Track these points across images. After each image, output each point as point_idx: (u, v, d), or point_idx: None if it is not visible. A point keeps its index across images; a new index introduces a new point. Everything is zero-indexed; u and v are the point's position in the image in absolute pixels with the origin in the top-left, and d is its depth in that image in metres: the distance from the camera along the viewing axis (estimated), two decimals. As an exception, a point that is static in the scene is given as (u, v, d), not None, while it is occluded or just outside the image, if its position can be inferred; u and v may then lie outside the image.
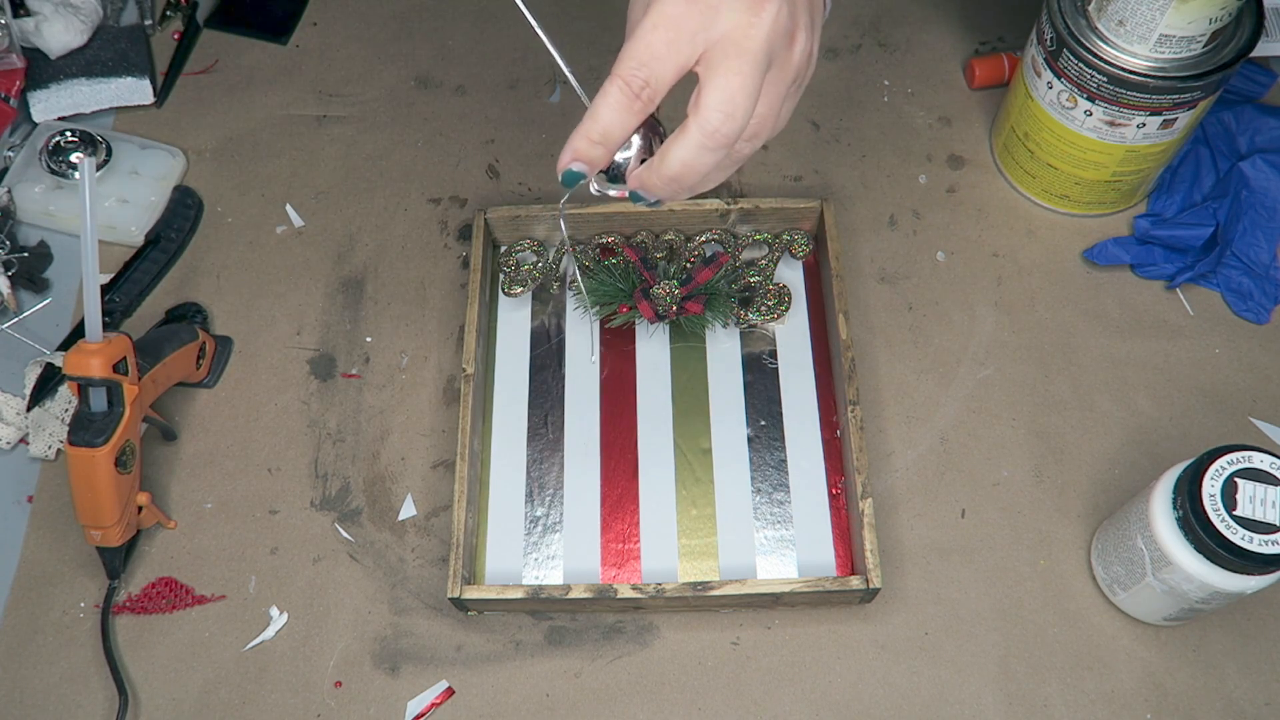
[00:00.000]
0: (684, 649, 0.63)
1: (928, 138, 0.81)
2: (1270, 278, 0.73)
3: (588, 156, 0.45)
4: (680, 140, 0.45)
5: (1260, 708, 0.61)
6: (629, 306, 0.71)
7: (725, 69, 0.43)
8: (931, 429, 0.69)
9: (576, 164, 0.46)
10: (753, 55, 0.44)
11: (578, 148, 0.45)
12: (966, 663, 0.62)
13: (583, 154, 0.45)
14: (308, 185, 0.80)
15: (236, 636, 0.64)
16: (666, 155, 0.46)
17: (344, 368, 0.72)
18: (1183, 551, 0.55)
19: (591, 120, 0.45)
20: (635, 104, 0.44)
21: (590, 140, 0.45)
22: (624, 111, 0.44)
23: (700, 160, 0.45)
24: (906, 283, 0.75)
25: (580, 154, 0.45)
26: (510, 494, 0.67)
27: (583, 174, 0.46)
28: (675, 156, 0.45)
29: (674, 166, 0.45)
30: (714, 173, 0.48)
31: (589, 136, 0.45)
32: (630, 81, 0.44)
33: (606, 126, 0.45)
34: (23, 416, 0.70)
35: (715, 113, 0.44)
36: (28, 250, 0.76)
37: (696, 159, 0.45)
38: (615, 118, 0.45)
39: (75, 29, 0.82)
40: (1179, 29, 0.62)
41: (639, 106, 0.45)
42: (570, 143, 0.45)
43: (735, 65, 0.43)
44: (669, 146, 0.45)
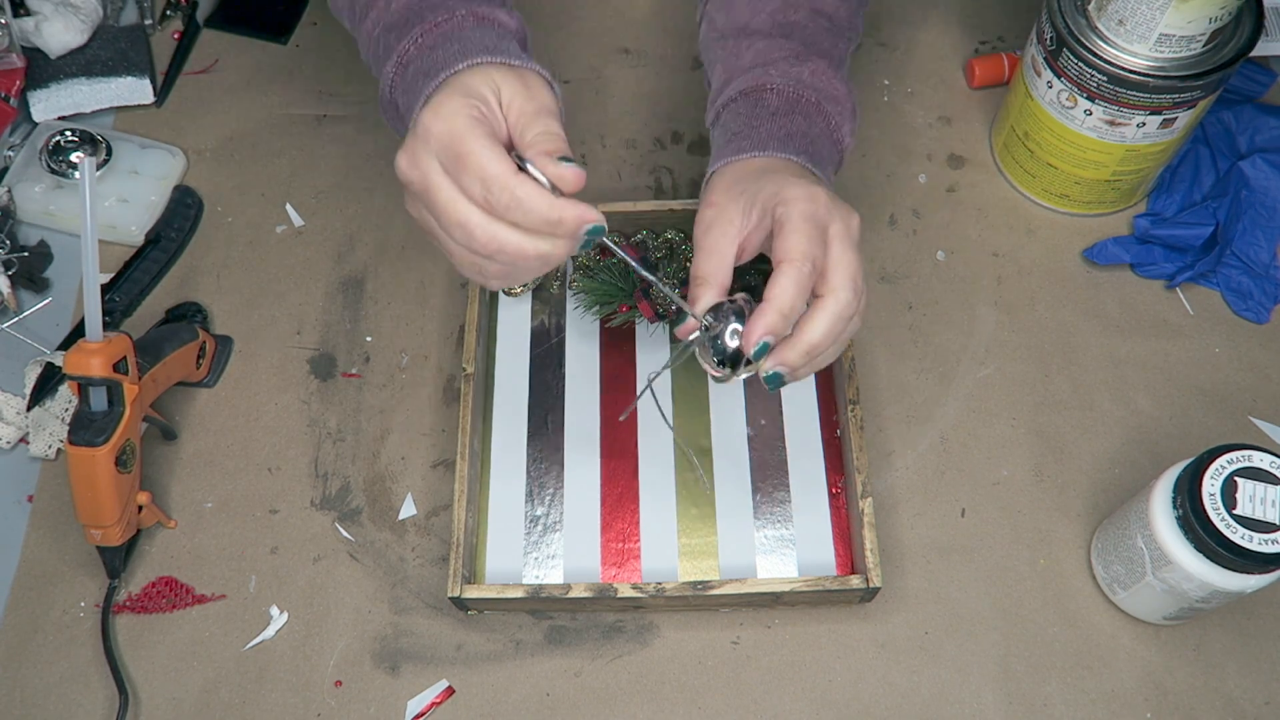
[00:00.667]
0: (684, 648, 0.63)
1: (928, 137, 0.81)
2: (1270, 277, 0.73)
3: (776, 329, 0.52)
4: (818, 315, 0.53)
5: (1260, 707, 0.61)
6: (629, 306, 0.71)
7: (843, 258, 0.53)
8: (931, 428, 0.69)
9: (768, 336, 0.52)
10: (855, 243, 0.54)
11: (770, 323, 0.52)
12: (966, 662, 0.62)
13: (775, 327, 0.52)
14: (308, 185, 0.80)
15: (236, 636, 0.64)
16: (806, 329, 0.53)
17: (344, 367, 0.72)
18: (1182, 550, 0.55)
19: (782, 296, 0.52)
20: (808, 282, 0.52)
21: (781, 314, 0.52)
22: (804, 289, 0.52)
23: (835, 329, 0.53)
24: (906, 282, 0.75)
25: (772, 327, 0.52)
26: (510, 493, 0.67)
27: (771, 345, 0.53)
28: (815, 328, 0.53)
29: (815, 335, 0.52)
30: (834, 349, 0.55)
31: (781, 310, 0.52)
32: (804, 263, 0.52)
33: (793, 303, 0.52)
34: (23, 416, 0.70)
35: (846, 290, 0.53)
36: (28, 250, 0.76)
37: (833, 328, 0.53)
38: (798, 294, 0.52)
39: (75, 29, 0.82)
40: (1179, 28, 0.62)
41: (809, 284, 0.52)
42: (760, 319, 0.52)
43: (850, 254, 0.53)
44: (806, 324, 0.53)
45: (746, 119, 0.60)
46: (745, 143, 0.59)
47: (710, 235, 0.55)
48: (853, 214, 0.55)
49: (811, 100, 0.61)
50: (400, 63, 0.56)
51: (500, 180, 0.47)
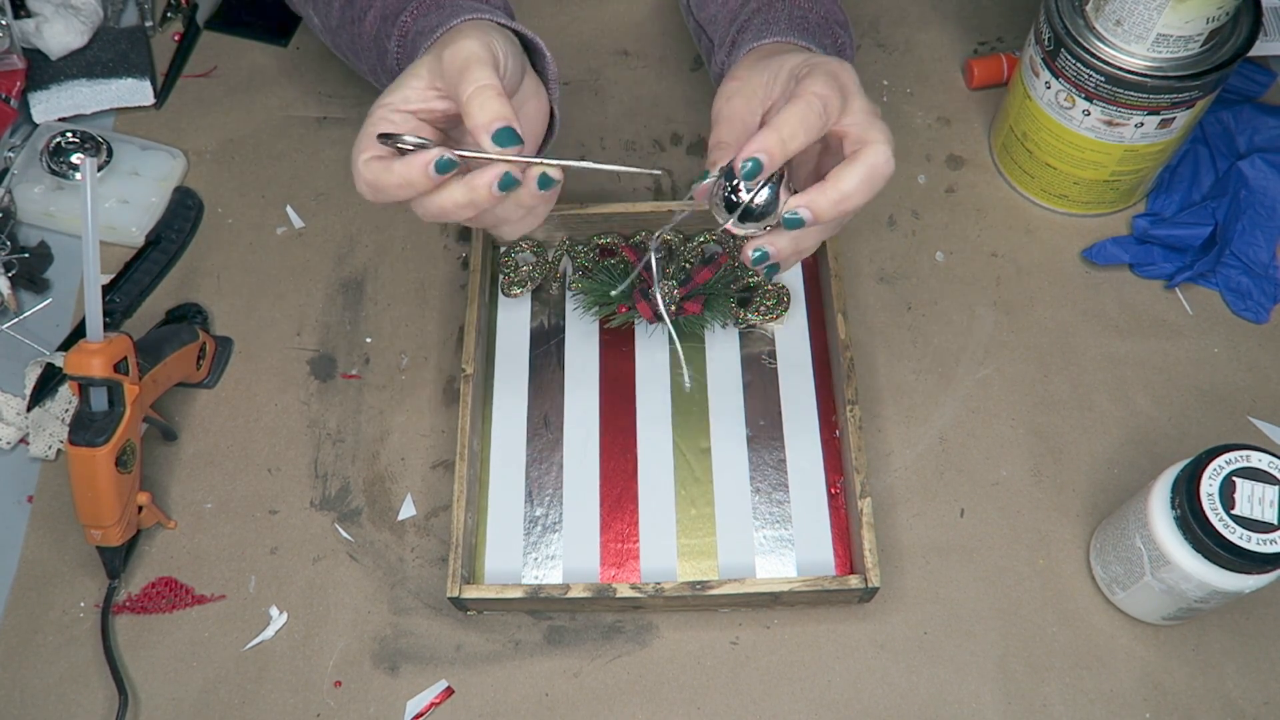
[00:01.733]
0: (683, 648, 0.63)
1: (926, 138, 0.81)
2: (1269, 277, 0.73)
3: (771, 150, 0.49)
4: (854, 164, 0.50)
5: (1259, 707, 0.61)
6: (628, 307, 0.71)
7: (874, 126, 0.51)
8: (930, 429, 0.69)
9: (761, 153, 0.49)
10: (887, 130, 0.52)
11: (766, 141, 0.49)
12: (965, 662, 0.62)
13: (769, 146, 0.49)
14: (308, 186, 0.80)
15: (236, 636, 0.64)
16: (839, 178, 0.50)
17: (344, 368, 0.73)
18: (1181, 551, 0.55)
19: (783, 122, 0.49)
20: (819, 120, 0.50)
21: (780, 136, 0.49)
22: (811, 122, 0.50)
23: (869, 182, 0.51)
24: (905, 283, 0.75)
25: (767, 146, 0.49)
26: (510, 494, 0.67)
27: (762, 165, 0.49)
28: (851, 175, 0.50)
29: (849, 183, 0.50)
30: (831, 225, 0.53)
31: (779, 132, 0.49)
32: (817, 100, 0.50)
33: (794, 129, 0.49)
34: (23, 416, 0.70)
35: (884, 145, 0.51)
36: (28, 251, 0.76)
37: (868, 179, 0.50)
38: (802, 125, 0.49)
39: (76, 30, 0.82)
40: (1176, 28, 0.62)
41: (819, 124, 0.50)
42: (757, 137, 0.49)
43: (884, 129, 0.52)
44: (839, 174, 0.50)
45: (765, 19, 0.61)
46: (768, 31, 0.59)
47: (731, 104, 0.54)
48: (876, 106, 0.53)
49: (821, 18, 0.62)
50: (401, 35, 0.60)
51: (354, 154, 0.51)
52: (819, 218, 0.51)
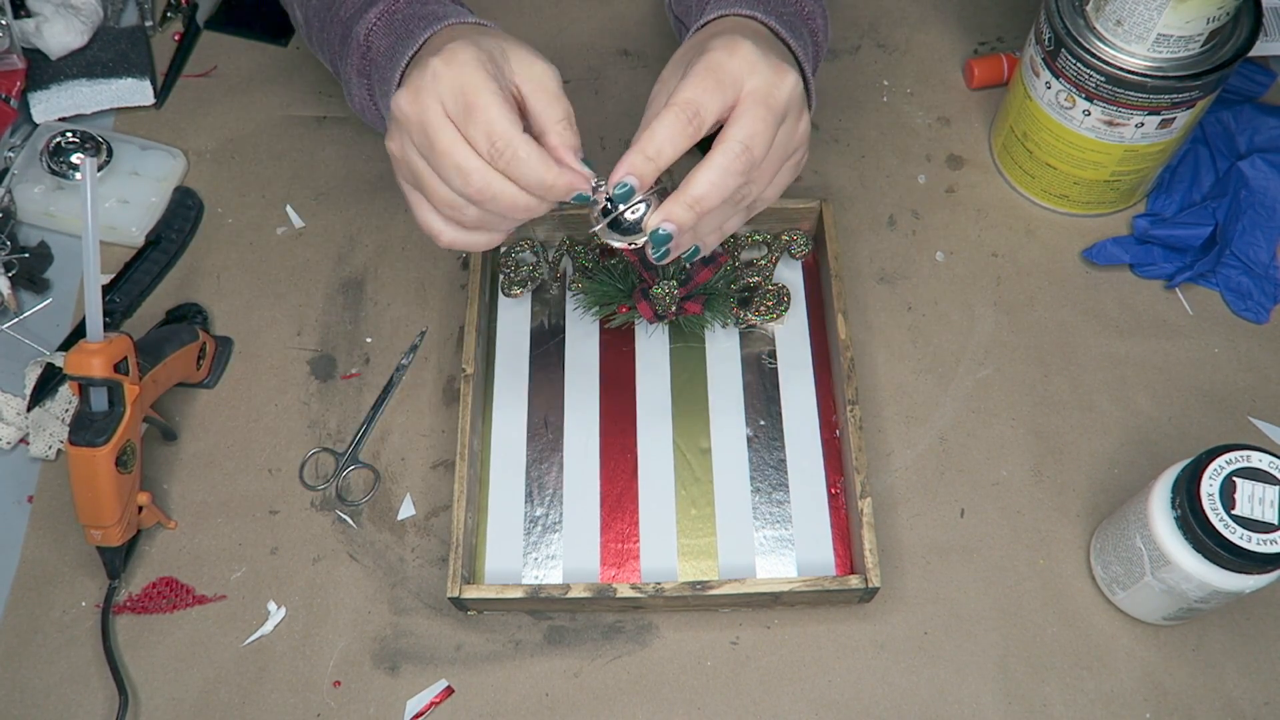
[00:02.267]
0: (683, 648, 0.63)
1: (927, 138, 0.81)
2: (1269, 277, 0.73)
3: (640, 170, 0.50)
4: (704, 166, 0.50)
5: (1259, 707, 0.61)
6: (628, 307, 0.71)
7: (749, 114, 0.50)
8: (930, 429, 0.69)
9: (629, 177, 0.50)
10: (773, 108, 0.50)
11: (633, 162, 0.50)
12: (966, 662, 0.62)
13: (637, 168, 0.50)
14: (308, 186, 0.80)
15: (236, 636, 0.64)
16: (691, 180, 0.50)
17: (344, 368, 0.73)
18: (1181, 551, 0.55)
19: (648, 138, 0.49)
20: (687, 129, 0.50)
21: (645, 156, 0.49)
22: (677, 134, 0.49)
23: (721, 183, 0.50)
24: (905, 283, 0.75)
25: (635, 168, 0.50)
26: (510, 494, 0.67)
27: (633, 188, 0.50)
28: (700, 179, 0.50)
29: (699, 188, 0.50)
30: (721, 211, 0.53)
31: (644, 152, 0.49)
32: (685, 109, 0.49)
33: (660, 145, 0.49)
34: (23, 416, 0.70)
35: (737, 143, 0.50)
36: (28, 251, 0.76)
37: (720, 180, 0.50)
38: (668, 138, 0.49)
39: (75, 30, 0.82)
40: (1177, 28, 0.62)
41: (690, 132, 0.50)
42: (625, 159, 0.50)
43: (758, 112, 0.50)
44: (693, 174, 0.50)
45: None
46: (710, 6, 0.58)
47: (649, 108, 0.53)
48: (784, 76, 0.51)
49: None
50: (386, 11, 0.59)
51: (506, 138, 0.48)
52: (682, 226, 0.51)
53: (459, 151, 0.49)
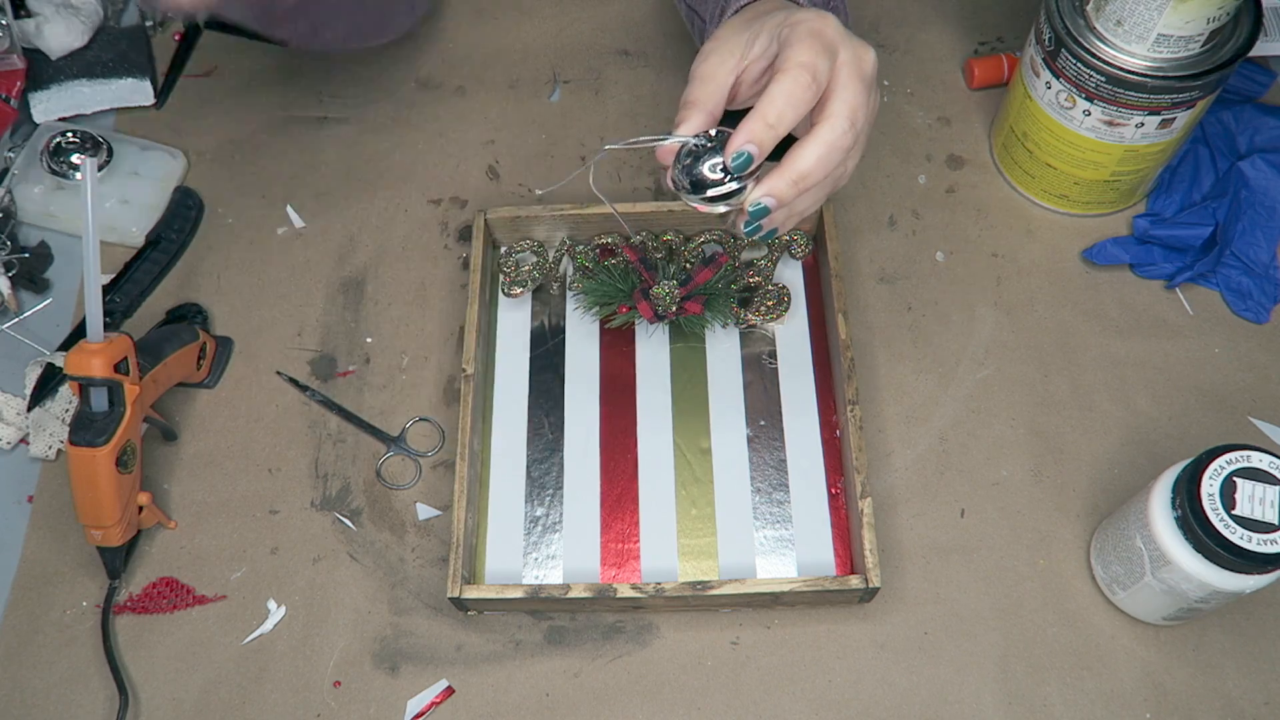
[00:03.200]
0: (683, 649, 0.63)
1: (927, 138, 0.81)
2: (1269, 277, 0.73)
3: (760, 138, 0.49)
4: (809, 143, 0.50)
5: (1259, 707, 0.61)
6: (629, 307, 0.71)
7: (849, 86, 0.50)
8: (931, 429, 0.69)
9: (750, 145, 0.49)
10: (865, 79, 0.51)
11: (754, 129, 0.49)
12: (966, 662, 0.62)
13: (757, 135, 0.49)
14: (308, 186, 0.80)
15: (236, 636, 0.64)
16: (796, 157, 0.50)
17: (344, 369, 0.73)
18: (1181, 551, 0.55)
19: (768, 104, 0.49)
20: (808, 92, 0.49)
21: (767, 122, 0.49)
22: (799, 98, 0.49)
23: (827, 159, 0.50)
24: (906, 283, 0.75)
25: (755, 135, 0.49)
26: (510, 494, 0.67)
27: (753, 157, 0.49)
28: (807, 153, 0.49)
29: (806, 162, 0.49)
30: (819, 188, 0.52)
31: (765, 118, 0.49)
32: (805, 71, 0.49)
33: (781, 110, 0.48)
34: (23, 416, 0.70)
35: (843, 117, 0.49)
36: (28, 251, 0.76)
37: (827, 155, 0.49)
38: (791, 103, 0.49)
39: (76, 30, 0.82)
40: (1177, 29, 0.62)
41: (810, 96, 0.49)
42: (746, 125, 0.49)
43: (856, 85, 0.50)
44: (796, 151, 0.50)
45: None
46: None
47: (706, 63, 0.52)
48: (868, 49, 0.51)
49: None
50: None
51: None
52: (783, 201, 0.50)
53: None
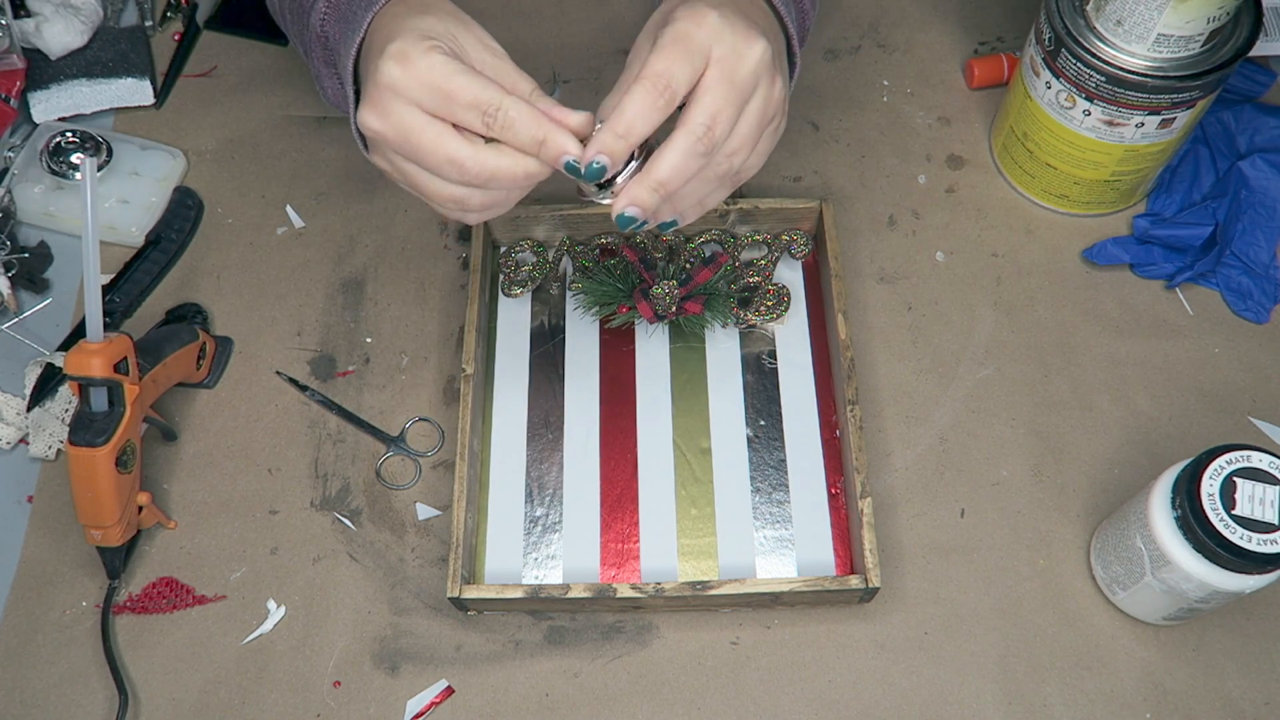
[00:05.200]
0: (683, 649, 0.63)
1: (927, 138, 0.81)
2: (1270, 277, 0.73)
3: (610, 149, 0.49)
4: (667, 148, 0.50)
5: (1259, 707, 0.61)
6: (628, 307, 0.71)
7: (711, 92, 0.49)
8: (931, 429, 0.69)
9: (600, 157, 0.49)
10: (737, 82, 0.50)
11: (604, 141, 0.49)
12: (966, 662, 0.62)
13: (607, 147, 0.49)
14: (308, 186, 0.80)
15: (236, 636, 0.64)
16: (655, 163, 0.50)
17: (344, 369, 0.73)
18: (1181, 551, 0.55)
19: (619, 116, 0.49)
20: (658, 102, 0.49)
21: (615, 134, 0.49)
22: (648, 109, 0.49)
23: (685, 165, 0.50)
24: (906, 283, 0.75)
25: (605, 147, 0.49)
26: (510, 494, 0.67)
27: (605, 167, 0.49)
28: (663, 162, 0.50)
29: (662, 171, 0.50)
30: (697, 187, 0.52)
31: (614, 130, 0.49)
32: (655, 82, 0.49)
33: (630, 122, 0.49)
34: (23, 416, 0.70)
35: (699, 122, 0.49)
36: (28, 250, 0.76)
37: (681, 163, 0.50)
38: (639, 114, 0.49)
39: (75, 30, 0.82)
40: (1177, 28, 0.62)
41: (661, 105, 0.49)
42: (597, 138, 0.49)
43: (721, 89, 0.49)
44: (656, 156, 0.50)
45: None
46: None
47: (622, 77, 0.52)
48: (751, 44, 0.50)
49: None
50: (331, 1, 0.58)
51: (495, 102, 0.48)
52: (645, 208, 0.50)
53: (446, 145, 0.49)
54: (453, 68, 0.48)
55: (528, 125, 0.49)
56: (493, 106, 0.48)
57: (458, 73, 0.48)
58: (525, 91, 0.51)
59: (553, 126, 0.49)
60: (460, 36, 0.51)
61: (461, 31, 0.51)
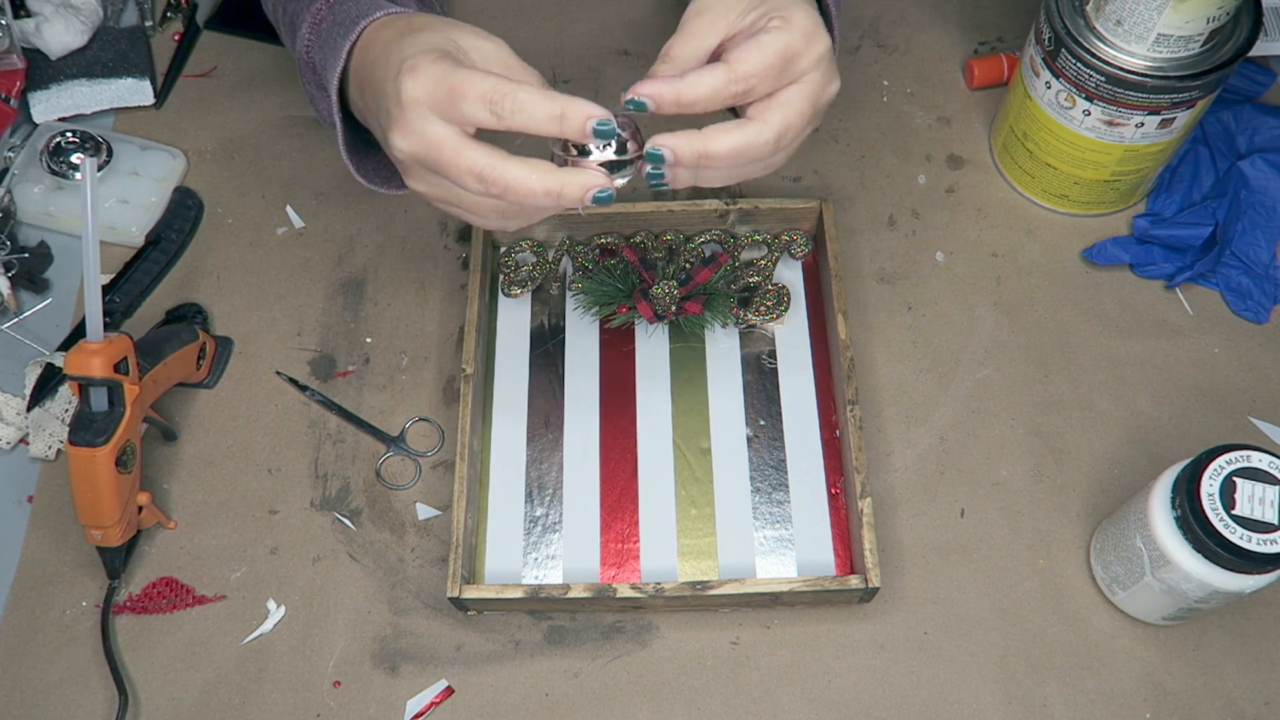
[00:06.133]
0: (683, 649, 0.63)
1: (927, 138, 0.81)
2: (1269, 277, 0.73)
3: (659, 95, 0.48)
4: (733, 130, 0.49)
5: (1259, 707, 0.61)
6: (628, 307, 0.71)
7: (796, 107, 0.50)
8: (930, 429, 0.69)
9: (649, 100, 0.49)
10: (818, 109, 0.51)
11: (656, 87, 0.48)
12: (966, 662, 0.62)
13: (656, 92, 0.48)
14: (308, 186, 0.80)
15: (236, 636, 0.64)
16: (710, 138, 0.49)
17: (344, 369, 0.73)
18: (1181, 551, 0.55)
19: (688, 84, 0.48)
20: (726, 95, 0.49)
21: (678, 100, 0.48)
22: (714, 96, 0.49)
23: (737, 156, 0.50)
24: (906, 283, 0.75)
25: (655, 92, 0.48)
26: (510, 494, 0.67)
27: (645, 105, 0.49)
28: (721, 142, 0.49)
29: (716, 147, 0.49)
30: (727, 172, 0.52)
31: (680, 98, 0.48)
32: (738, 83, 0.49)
33: (696, 96, 0.48)
34: (23, 416, 0.70)
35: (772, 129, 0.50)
36: (28, 251, 0.76)
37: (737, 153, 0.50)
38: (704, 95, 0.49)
39: (75, 30, 0.82)
40: (1177, 28, 0.62)
41: (727, 98, 0.49)
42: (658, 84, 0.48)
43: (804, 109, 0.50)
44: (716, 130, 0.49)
45: None
46: None
47: (700, 19, 0.51)
48: (835, 81, 0.52)
49: None
50: (314, 23, 0.58)
51: (499, 90, 0.47)
52: (680, 162, 0.50)
53: (465, 156, 0.48)
54: (455, 68, 0.48)
55: (540, 103, 0.48)
56: (498, 94, 0.47)
57: (461, 70, 0.48)
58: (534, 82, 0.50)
59: (569, 98, 0.48)
60: (460, 41, 0.51)
61: (461, 36, 0.51)
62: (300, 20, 0.60)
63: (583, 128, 0.48)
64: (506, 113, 0.48)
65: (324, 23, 0.58)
